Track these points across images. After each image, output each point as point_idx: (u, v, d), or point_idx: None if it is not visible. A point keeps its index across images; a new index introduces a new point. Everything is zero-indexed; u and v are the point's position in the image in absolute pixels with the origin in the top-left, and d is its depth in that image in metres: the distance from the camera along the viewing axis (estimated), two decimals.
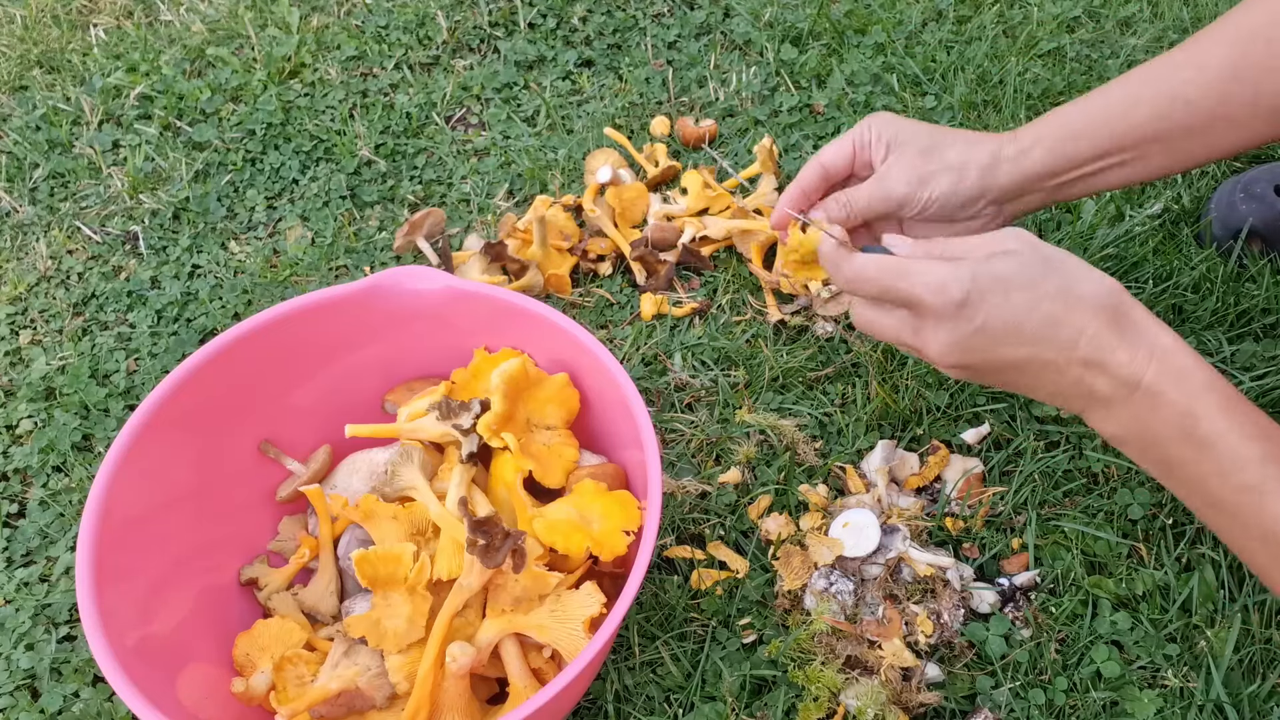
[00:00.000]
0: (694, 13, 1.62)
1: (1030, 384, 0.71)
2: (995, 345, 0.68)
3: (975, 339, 0.68)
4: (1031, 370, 0.69)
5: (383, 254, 1.33)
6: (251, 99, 1.54)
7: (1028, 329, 0.67)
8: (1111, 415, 0.69)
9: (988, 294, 0.67)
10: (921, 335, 0.70)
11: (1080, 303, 0.67)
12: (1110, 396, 0.68)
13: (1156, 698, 0.89)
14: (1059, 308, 0.67)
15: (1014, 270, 0.68)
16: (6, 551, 1.07)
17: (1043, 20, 1.55)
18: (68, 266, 1.35)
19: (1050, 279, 0.68)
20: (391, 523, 0.91)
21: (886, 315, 0.73)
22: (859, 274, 0.72)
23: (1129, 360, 0.66)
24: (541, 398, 0.97)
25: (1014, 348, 0.68)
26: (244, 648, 0.91)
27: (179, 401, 0.90)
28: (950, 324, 0.68)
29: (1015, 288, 0.67)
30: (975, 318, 0.67)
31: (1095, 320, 0.67)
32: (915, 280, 0.69)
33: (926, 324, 0.70)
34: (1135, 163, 0.86)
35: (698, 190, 1.32)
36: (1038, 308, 0.67)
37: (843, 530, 0.98)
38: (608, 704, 0.92)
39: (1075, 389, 0.69)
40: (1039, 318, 0.67)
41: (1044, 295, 0.67)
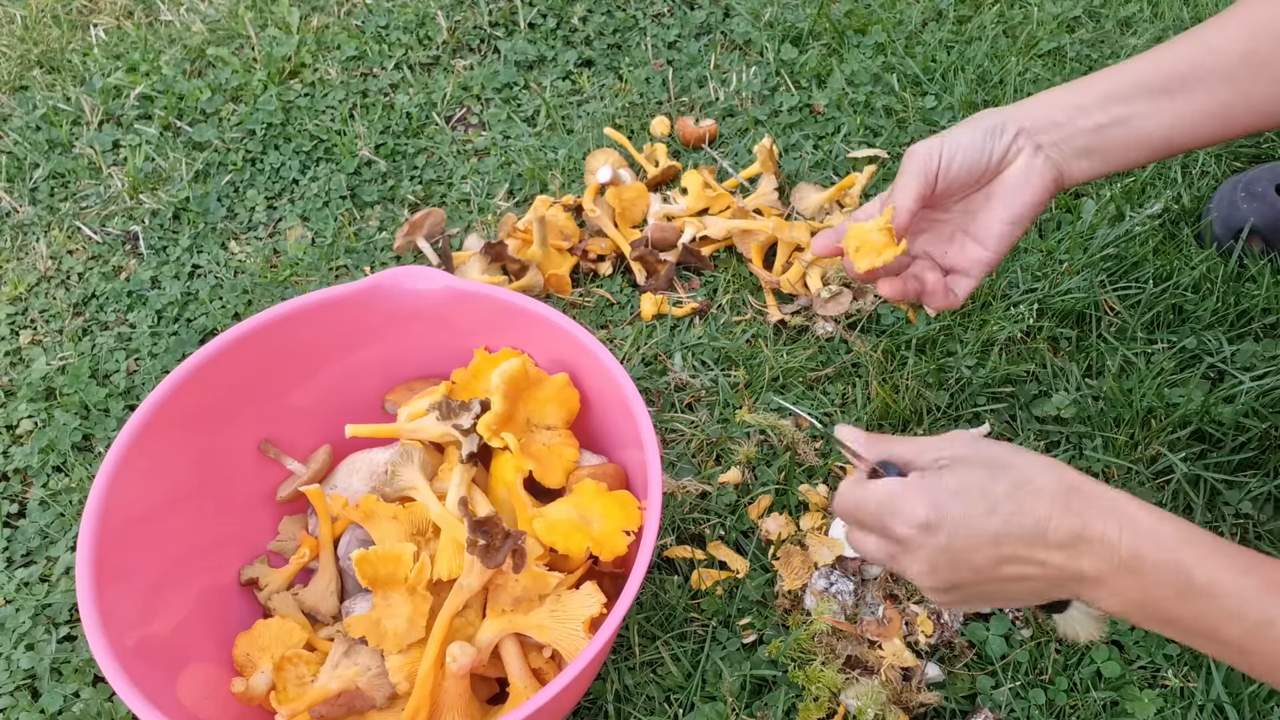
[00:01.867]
0: (694, 13, 1.62)
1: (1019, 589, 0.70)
2: (967, 557, 0.68)
3: (945, 556, 0.68)
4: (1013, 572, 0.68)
5: (383, 254, 1.33)
6: (251, 99, 1.54)
7: (991, 532, 0.67)
8: (1106, 591, 0.67)
9: (945, 511, 0.67)
10: (900, 561, 0.70)
11: (1035, 494, 0.67)
12: (1099, 575, 0.66)
13: (1157, 698, 0.89)
14: (1013, 505, 0.67)
15: (963, 481, 0.68)
16: (6, 551, 1.07)
17: (1043, 20, 1.55)
18: (68, 266, 1.35)
19: (999, 480, 0.68)
20: (391, 523, 0.91)
21: (869, 539, 0.72)
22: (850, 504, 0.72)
23: (1100, 534, 0.66)
24: (541, 398, 0.97)
25: (984, 553, 0.67)
26: (244, 648, 0.91)
27: (179, 401, 0.90)
28: (920, 548, 0.68)
29: (970, 498, 0.67)
30: (939, 536, 0.67)
31: (1053, 506, 0.67)
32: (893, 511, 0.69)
33: (903, 550, 0.70)
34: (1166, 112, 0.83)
35: (698, 190, 1.32)
36: (995, 511, 0.67)
37: (842, 530, 0.98)
38: (608, 704, 0.92)
39: (1062, 576, 0.68)
40: (998, 521, 0.67)
41: (998, 499, 0.67)
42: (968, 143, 0.84)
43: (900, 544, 0.69)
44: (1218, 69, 0.82)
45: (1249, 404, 1.05)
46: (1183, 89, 0.83)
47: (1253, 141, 1.35)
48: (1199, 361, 1.11)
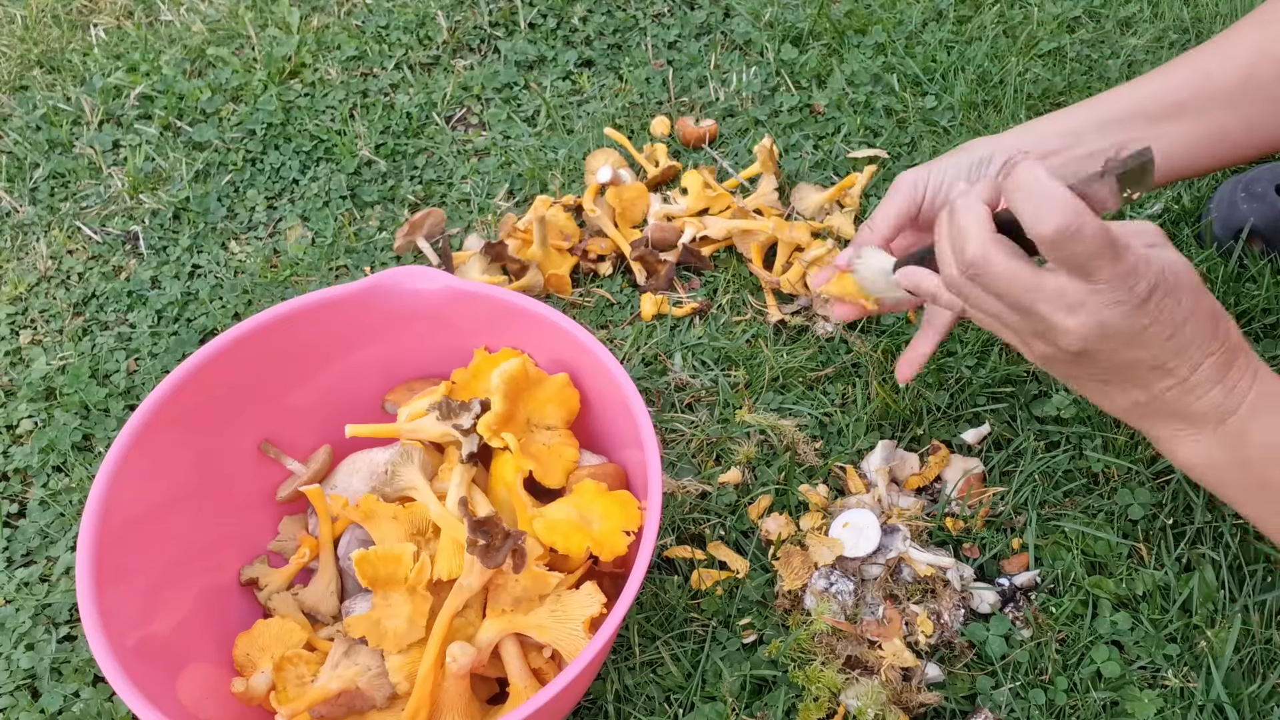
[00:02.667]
0: (694, 13, 1.62)
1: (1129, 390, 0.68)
2: (1140, 346, 0.65)
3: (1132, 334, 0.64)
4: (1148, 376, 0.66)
5: (383, 254, 1.33)
6: (252, 99, 1.54)
7: (1179, 340, 0.65)
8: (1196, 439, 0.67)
9: (1169, 291, 0.64)
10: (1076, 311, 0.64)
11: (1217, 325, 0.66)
12: (1203, 416, 0.66)
13: (1157, 698, 0.89)
14: (1209, 324, 0.65)
15: (1185, 279, 0.65)
16: (6, 551, 1.07)
17: (1043, 20, 1.55)
18: (68, 266, 1.35)
19: (1205, 295, 0.66)
20: (391, 523, 0.91)
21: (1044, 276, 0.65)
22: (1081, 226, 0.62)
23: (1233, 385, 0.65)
24: (541, 398, 0.97)
25: (1155, 349, 0.65)
26: (244, 648, 0.91)
27: (179, 401, 0.90)
28: (1120, 312, 0.64)
29: (1183, 293, 0.64)
30: (1146, 315, 0.64)
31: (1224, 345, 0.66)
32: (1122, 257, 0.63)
33: (1094, 300, 0.64)
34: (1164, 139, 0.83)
35: (698, 190, 1.32)
36: (1190, 321, 0.65)
37: (843, 530, 0.98)
38: (608, 704, 0.92)
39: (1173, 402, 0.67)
40: (1189, 332, 0.65)
41: (1200, 312, 0.65)
42: (954, 174, 0.84)
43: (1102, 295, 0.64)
44: (1216, 95, 0.82)
45: None
46: (1180, 115, 0.82)
47: None
48: None
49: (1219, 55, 0.83)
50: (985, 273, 0.66)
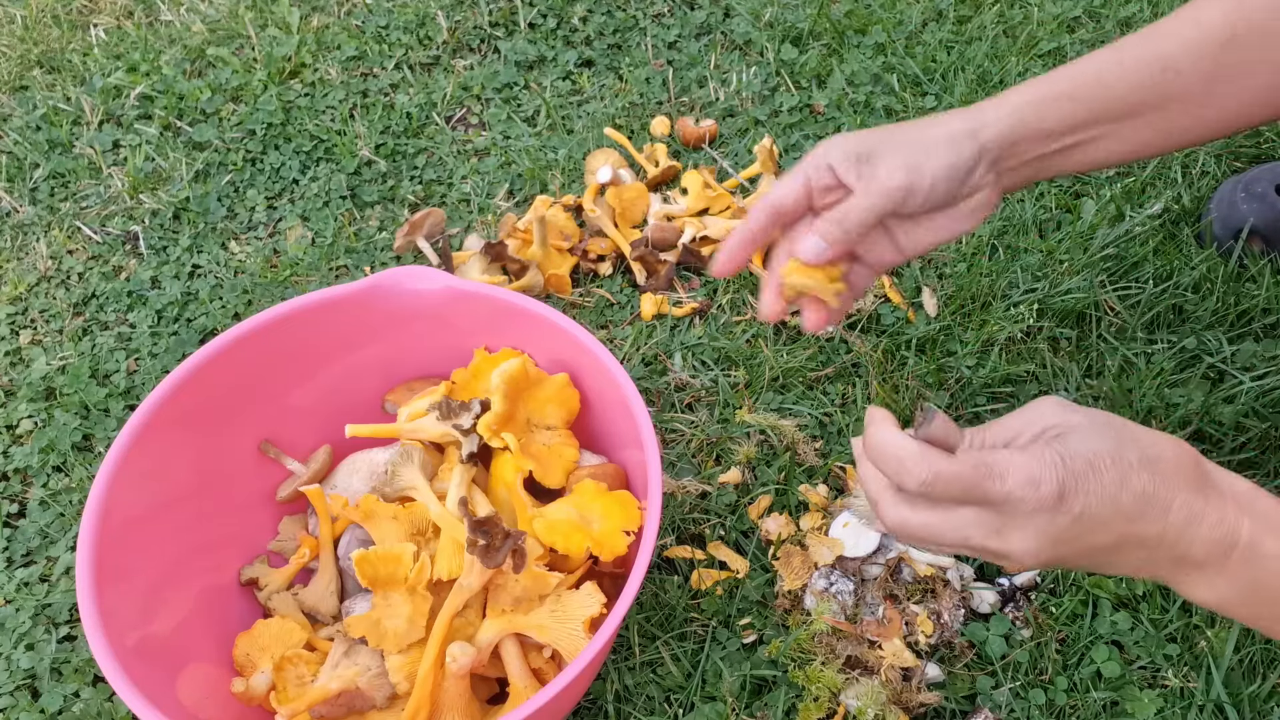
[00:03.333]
0: (694, 13, 1.62)
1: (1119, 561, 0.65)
2: (1092, 532, 0.62)
3: (1072, 529, 0.62)
4: (1125, 549, 0.63)
5: (383, 254, 1.33)
6: (252, 99, 1.54)
7: (1125, 508, 0.61)
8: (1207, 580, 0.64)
9: (1082, 479, 0.61)
10: (1006, 537, 0.62)
11: (1164, 469, 0.62)
12: (1204, 561, 0.63)
13: (1157, 698, 0.89)
14: (1148, 479, 0.62)
15: (1095, 447, 0.62)
16: (6, 551, 1.07)
17: (1043, 20, 1.55)
18: (68, 266, 1.35)
19: (1128, 449, 0.62)
20: (391, 523, 0.91)
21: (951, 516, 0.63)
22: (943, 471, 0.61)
23: (1219, 520, 0.62)
24: (541, 398, 0.97)
25: (1111, 531, 0.62)
26: (244, 648, 0.91)
27: (179, 401, 0.90)
28: (1045, 519, 0.61)
29: (1104, 466, 0.61)
30: (1073, 507, 0.61)
31: (1184, 486, 0.62)
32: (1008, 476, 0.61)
33: (1013, 523, 0.62)
34: (1124, 134, 0.81)
35: (698, 190, 1.32)
36: (1129, 483, 0.61)
37: (843, 530, 0.98)
38: (608, 704, 0.92)
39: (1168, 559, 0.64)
40: (1132, 494, 0.61)
41: (1132, 469, 0.62)
42: (944, 190, 0.79)
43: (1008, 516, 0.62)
44: (1183, 92, 0.80)
45: (1249, 404, 1.05)
46: (1144, 111, 0.81)
47: (1253, 142, 1.35)
48: (1199, 361, 1.11)
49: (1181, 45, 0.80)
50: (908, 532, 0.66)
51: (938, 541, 0.65)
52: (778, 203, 0.82)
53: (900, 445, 0.62)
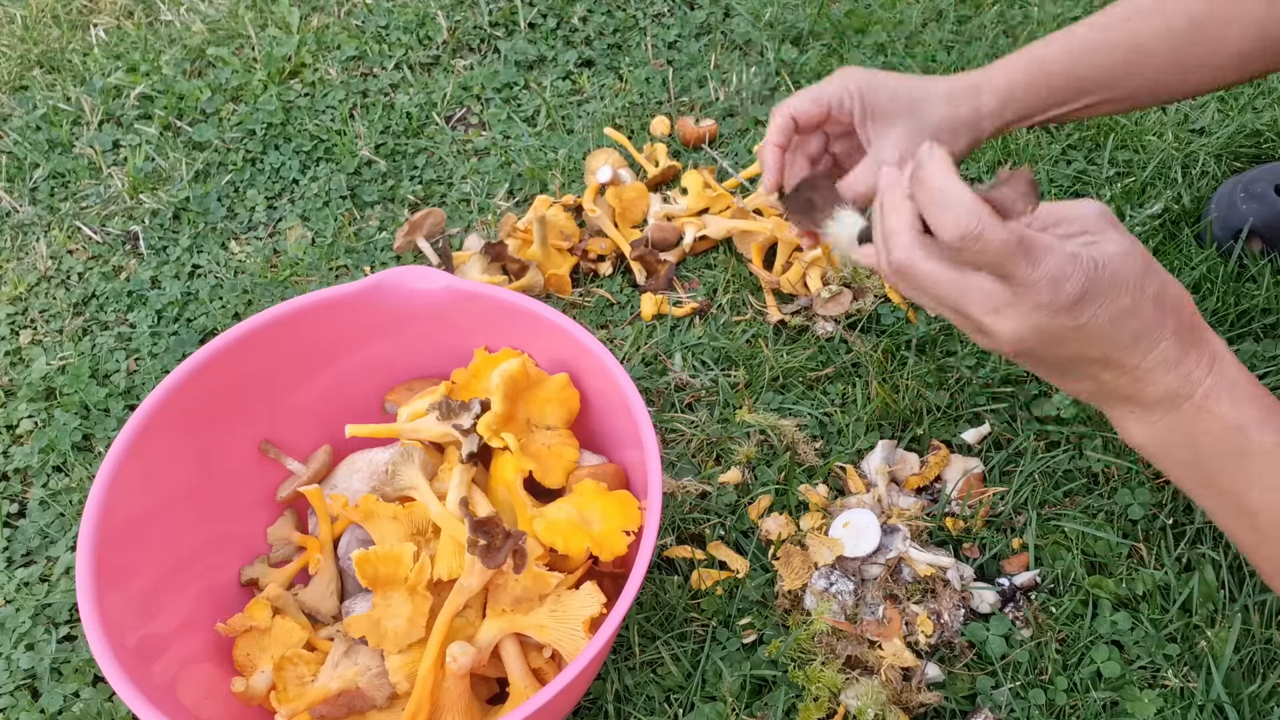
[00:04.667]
0: (694, 13, 1.62)
1: (1080, 377, 0.67)
2: (1084, 344, 0.63)
3: (1066, 333, 0.63)
4: (1094, 368, 0.65)
5: (383, 254, 1.33)
6: (252, 99, 1.54)
7: (1122, 334, 0.63)
8: (1149, 421, 0.66)
9: (1102, 294, 0.61)
10: (1003, 315, 0.63)
11: (1166, 313, 0.64)
12: (1156, 402, 0.65)
13: (1157, 698, 0.89)
14: (1151, 315, 0.63)
15: (1125, 267, 0.62)
16: (6, 551, 1.07)
17: (1043, 20, 1.55)
18: (68, 266, 1.35)
19: (1151, 281, 0.63)
20: (392, 523, 0.91)
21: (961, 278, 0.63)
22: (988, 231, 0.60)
23: (1186, 373, 0.64)
24: (541, 398, 0.97)
25: (1096, 348, 0.63)
26: (244, 648, 0.91)
27: (179, 401, 0.90)
28: (1049, 314, 0.62)
29: (1125, 290, 0.62)
30: (1081, 315, 0.62)
31: (1174, 332, 0.64)
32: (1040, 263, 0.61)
33: (1018, 305, 0.62)
34: (1112, 101, 0.89)
35: (698, 190, 1.32)
36: (1137, 312, 0.62)
37: (843, 530, 0.98)
38: (608, 704, 0.92)
39: (1125, 390, 0.65)
40: (1134, 326, 0.63)
41: (1146, 300, 0.62)
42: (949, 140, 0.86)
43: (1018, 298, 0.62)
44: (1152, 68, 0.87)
45: None
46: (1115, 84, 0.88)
47: (1253, 142, 1.35)
48: None
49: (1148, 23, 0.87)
50: (911, 276, 0.65)
51: (933, 295, 0.65)
52: (796, 113, 0.88)
53: (958, 190, 0.61)
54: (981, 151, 1.37)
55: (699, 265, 1.29)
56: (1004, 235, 0.60)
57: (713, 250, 1.30)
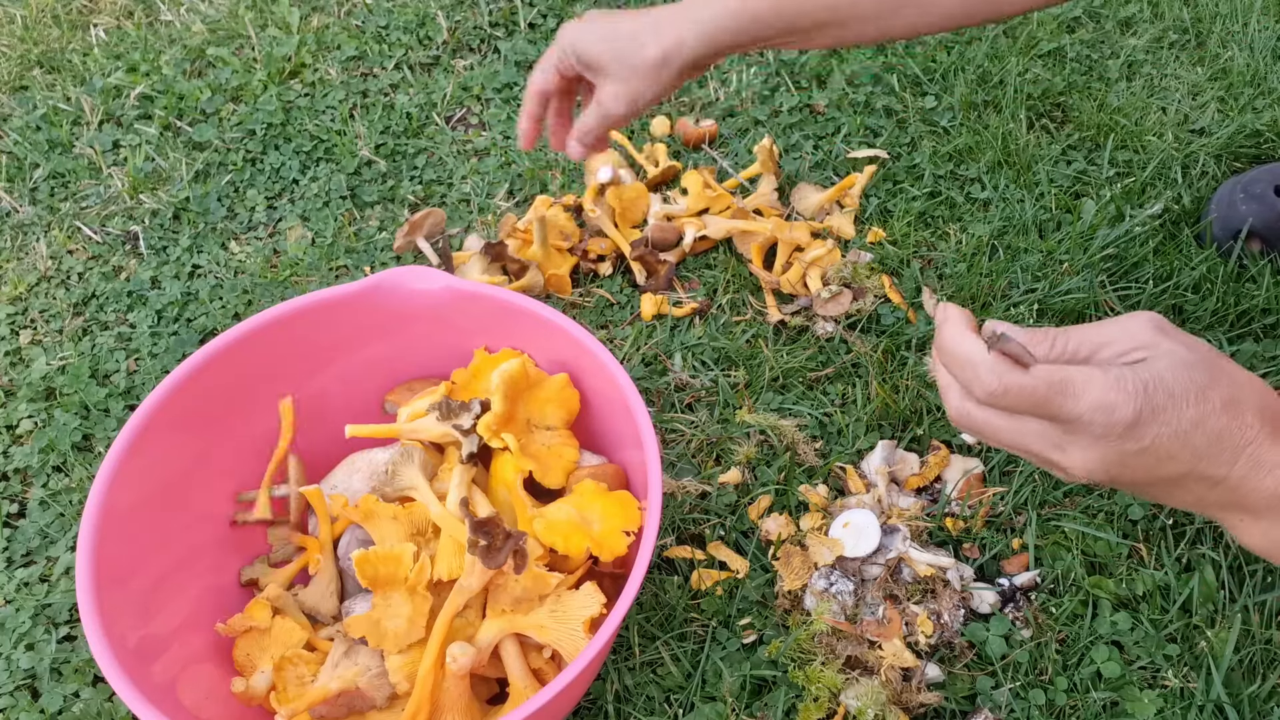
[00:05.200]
0: None
1: (1178, 495, 0.65)
2: (1156, 464, 0.61)
3: (1137, 459, 0.60)
4: (1185, 484, 0.63)
5: (383, 254, 1.33)
6: (252, 99, 1.54)
7: (1196, 446, 0.60)
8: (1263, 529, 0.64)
9: (1160, 412, 0.59)
10: (1067, 451, 0.62)
11: (1245, 414, 0.61)
12: (1262, 509, 0.62)
13: (1157, 698, 0.89)
14: (1227, 421, 0.60)
15: (1183, 379, 0.60)
16: (6, 551, 1.07)
17: (1043, 20, 1.55)
18: (68, 266, 1.35)
19: (1217, 387, 0.61)
20: (392, 523, 0.91)
21: (1021, 424, 0.63)
22: (1013, 387, 0.60)
23: None
24: (541, 398, 0.97)
25: (1175, 465, 0.61)
26: (244, 648, 0.91)
27: (179, 401, 0.90)
28: (1111, 444, 0.60)
29: (1187, 402, 0.60)
30: (1144, 438, 0.60)
31: (1260, 433, 0.61)
32: (1082, 398, 0.59)
33: (1078, 440, 0.61)
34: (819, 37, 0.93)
35: (698, 190, 1.32)
36: (1206, 423, 0.60)
37: (843, 530, 0.98)
38: (608, 704, 0.92)
39: (1227, 499, 0.63)
40: (1207, 434, 0.60)
41: (1214, 409, 0.60)
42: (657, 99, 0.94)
43: (1074, 434, 0.61)
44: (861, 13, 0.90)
45: None
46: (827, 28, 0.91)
47: (1253, 142, 1.35)
48: None
49: None
50: (972, 428, 0.65)
51: (996, 441, 0.64)
52: (541, 88, 1.01)
53: (972, 353, 0.61)
54: (981, 151, 1.37)
55: (699, 265, 1.29)
56: (1031, 383, 0.60)
57: (713, 250, 1.30)
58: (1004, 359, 0.60)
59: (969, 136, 1.39)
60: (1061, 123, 1.43)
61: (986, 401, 0.62)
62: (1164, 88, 1.47)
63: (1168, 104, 1.43)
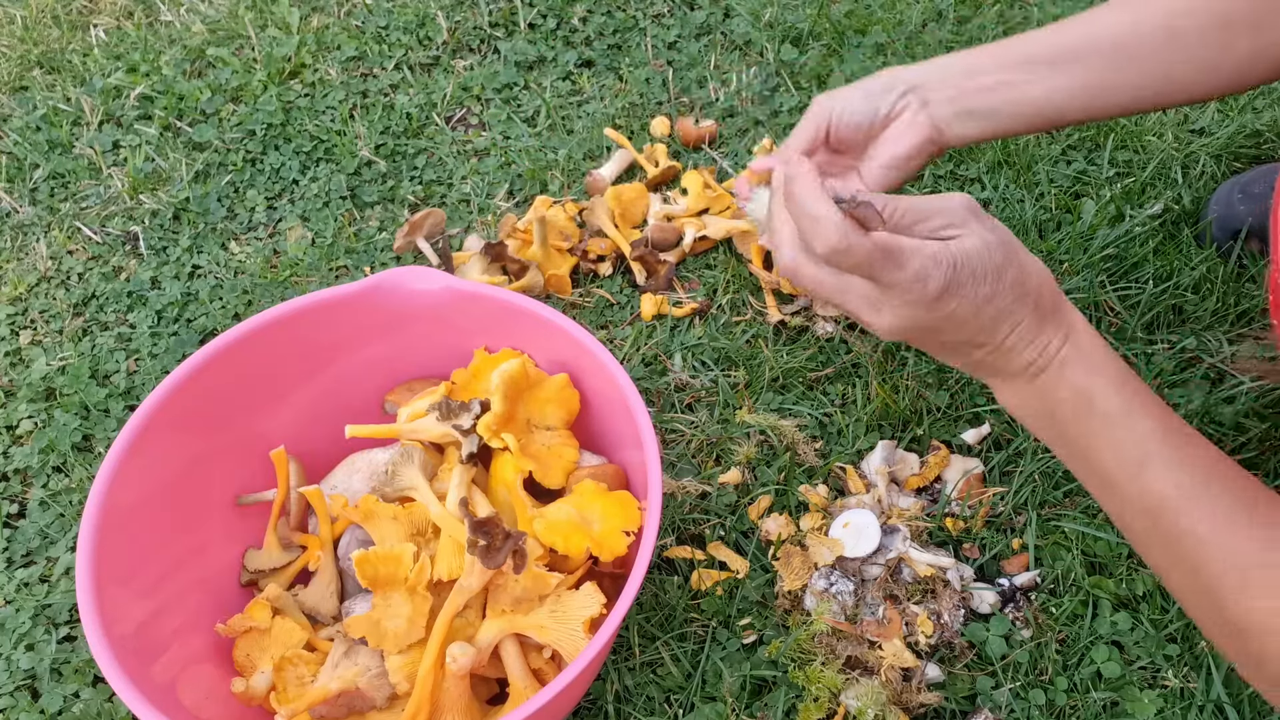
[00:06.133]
0: (694, 13, 1.62)
1: (957, 357, 0.74)
2: (951, 329, 0.70)
3: (936, 323, 0.70)
4: (966, 349, 0.73)
5: (383, 254, 1.33)
6: (251, 99, 1.54)
7: (982, 319, 0.70)
8: (1014, 388, 0.74)
9: (962, 286, 0.68)
10: (880, 311, 0.70)
11: (1026, 296, 0.70)
12: (1018, 372, 0.72)
13: (1157, 698, 0.89)
14: (1009, 300, 0.69)
15: (984, 259, 0.69)
16: (6, 551, 1.07)
17: (1042, 20, 1.55)
18: (68, 267, 1.35)
19: (1009, 269, 0.69)
20: (391, 523, 0.91)
21: (846, 281, 0.71)
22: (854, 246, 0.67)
23: (1043, 346, 0.71)
24: (541, 398, 0.97)
25: (963, 332, 0.71)
26: (244, 648, 0.91)
27: (179, 402, 0.90)
28: (918, 309, 0.69)
29: (983, 279, 0.69)
30: (946, 307, 0.69)
31: (1032, 312, 0.70)
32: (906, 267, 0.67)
33: (890, 302, 0.70)
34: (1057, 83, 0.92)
35: (698, 191, 1.32)
36: (995, 300, 0.69)
37: (843, 530, 0.98)
38: (608, 704, 0.92)
39: (990, 363, 0.73)
40: (994, 310, 0.69)
41: (1003, 288, 0.69)
42: (860, 99, 0.94)
43: (889, 296, 0.69)
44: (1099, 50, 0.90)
45: (1248, 404, 1.05)
46: (1066, 63, 0.91)
47: (1252, 143, 1.35)
48: (1199, 362, 1.11)
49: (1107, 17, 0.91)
50: (798, 279, 0.73)
51: (819, 295, 0.73)
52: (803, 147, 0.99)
53: (824, 210, 0.67)
54: (981, 151, 1.37)
55: (699, 265, 1.29)
56: (868, 246, 0.67)
57: (713, 250, 1.30)
58: (851, 220, 0.67)
59: None
60: None
61: (824, 257, 0.69)
62: None
63: None
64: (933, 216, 0.70)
